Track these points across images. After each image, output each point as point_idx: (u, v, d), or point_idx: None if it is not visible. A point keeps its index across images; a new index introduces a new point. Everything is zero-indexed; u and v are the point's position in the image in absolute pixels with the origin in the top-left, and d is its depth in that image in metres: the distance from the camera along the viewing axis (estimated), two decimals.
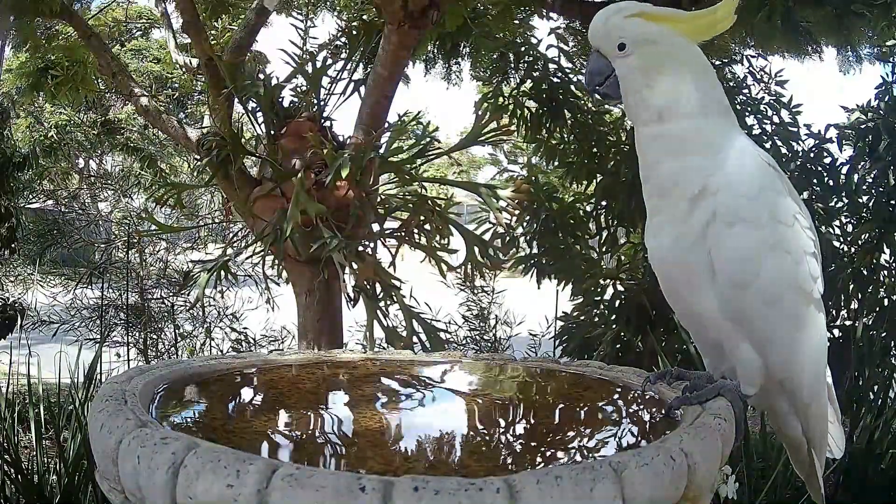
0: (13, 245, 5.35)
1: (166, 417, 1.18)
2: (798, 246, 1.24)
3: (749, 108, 3.94)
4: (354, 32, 3.67)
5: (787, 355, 1.26)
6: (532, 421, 1.33)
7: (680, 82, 1.24)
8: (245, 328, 5.34)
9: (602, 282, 3.95)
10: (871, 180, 3.64)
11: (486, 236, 3.43)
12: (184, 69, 4.36)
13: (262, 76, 3.27)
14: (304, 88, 3.50)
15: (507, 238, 3.72)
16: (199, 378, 1.42)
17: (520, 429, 1.32)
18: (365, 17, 4.12)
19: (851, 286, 3.51)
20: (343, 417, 1.29)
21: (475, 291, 5.63)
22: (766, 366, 1.26)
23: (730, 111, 1.30)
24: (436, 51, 5.20)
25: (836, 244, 3.59)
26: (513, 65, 4.38)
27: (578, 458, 1.12)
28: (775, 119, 3.91)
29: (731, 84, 4.08)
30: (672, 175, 1.24)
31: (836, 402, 1.44)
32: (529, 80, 4.21)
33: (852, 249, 3.62)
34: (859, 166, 3.66)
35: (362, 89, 3.40)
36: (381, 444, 1.14)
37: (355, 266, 2.91)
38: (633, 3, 1.27)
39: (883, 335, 3.42)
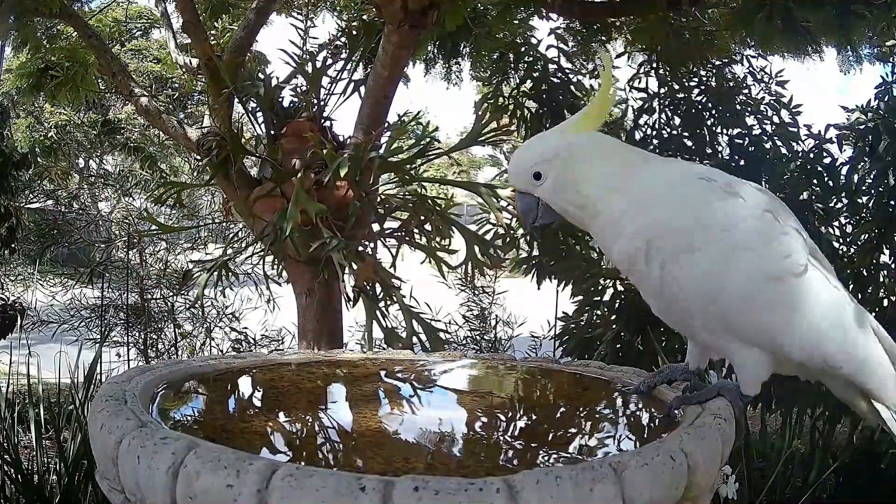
0: (13, 245, 5.35)
1: (166, 417, 1.18)
2: (752, 239, 1.25)
3: (749, 108, 3.93)
4: (354, 32, 3.67)
5: (789, 339, 1.26)
6: (532, 421, 1.33)
7: (600, 175, 1.30)
8: (245, 328, 5.34)
9: (602, 282, 3.94)
10: (871, 180, 3.63)
11: (487, 237, 3.43)
12: (184, 69, 4.36)
13: (262, 76, 3.27)
14: (304, 88, 3.50)
15: (508, 238, 3.72)
16: (199, 378, 1.42)
17: (520, 429, 1.32)
18: (365, 17, 4.12)
19: (851, 286, 3.50)
20: (343, 417, 1.29)
21: (476, 292, 5.63)
22: (784, 354, 1.27)
23: (645, 157, 1.36)
24: (436, 51, 5.19)
25: (836, 244, 3.59)
26: (513, 65, 4.38)
27: (578, 458, 1.12)
28: (775, 119, 3.91)
29: (731, 84, 4.08)
30: (621, 254, 1.31)
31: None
32: (529, 80, 4.21)
33: (852, 249, 3.62)
34: (859, 166, 3.66)
35: (362, 89, 3.40)
36: (381, 444, 1.14)
37: (355, 266, 2.90)
38: (531, 139, 1.38)
39: None
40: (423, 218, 3.12)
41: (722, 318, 1.25)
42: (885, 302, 3.51)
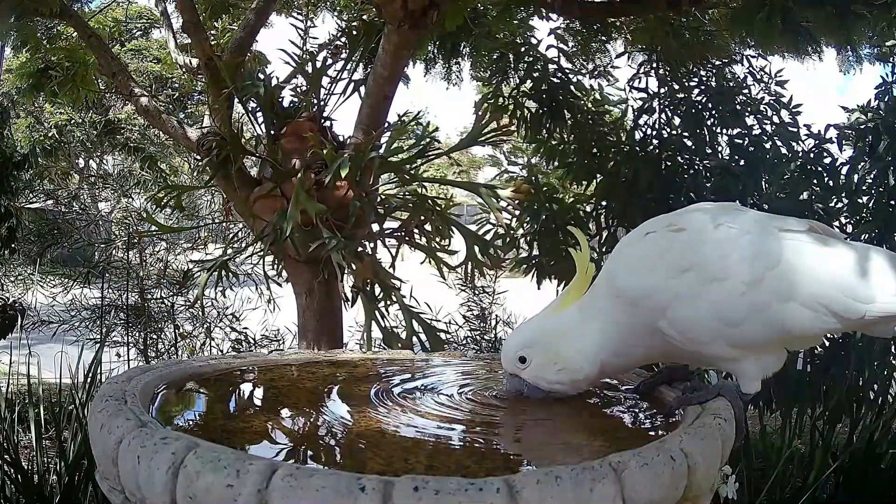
0: (13, 245, 5.35)
1: (166, 417, 1.18)
2: (716, 264, 1.25)
3: (749, 108, 3.93)
4: (354, 32, 3.67)
5: (799, 323, 1.25)
6: (532, 421, 1.33)
7: (572, 347, 1.33)
8: (245, 328, 5.34)
9: None
10: (871, 180, 3.64)
11: (487, 237, 3.43)
12: (184, 69, 4.35)
13: (262, 76, 3.27)
14: (304, 88, 3.50)
15: (508, 238, 3.72)
16: (199, 378, 1.42)
17: (520, 429, 1.32)
18: (365, 17, 4.11)
19: None
20: (343, 417, 1.29)
21: (476, 292, 5.63)
22: (803, 336, 1.29)
23: (598, 282, 1.39)
24: (436, 51, 5.19)
25: None
26: (513, 65, 4.38)
27: (578, 458, 1.12)
28: (775, 119, 3.91)
29: (731, 84, 4.08)
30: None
31: None
32: (529, 80, 4.21)
33: None
34: (859, 166, 3.66)
35: (362, 89, 3.40)
36: (381, 444, 1.14)
37: (354, 266, 2.90)
38: (521, 324, 1.45)
39: None
40: (423, 218, 3.12)
41: (722, 345, 1.27)
42: None
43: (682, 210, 1.40)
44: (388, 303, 3.04)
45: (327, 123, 3.41)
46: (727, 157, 3.92)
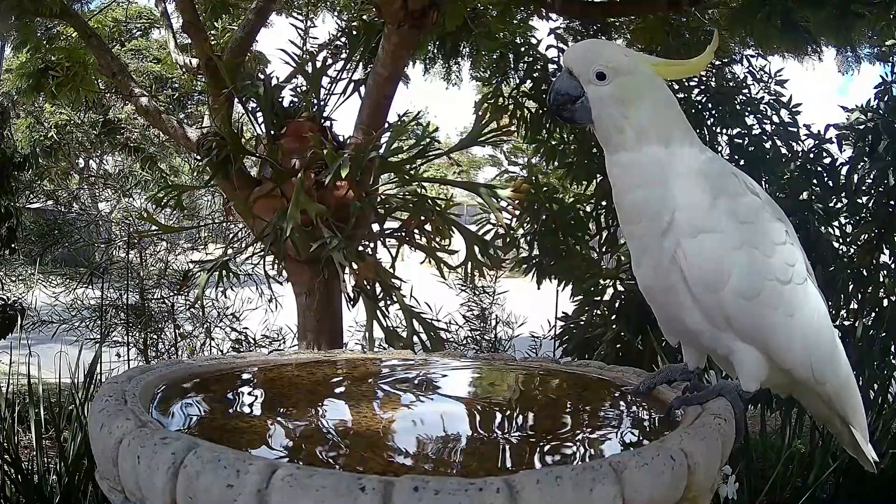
0: (13, 245, 5.35)
1: (166, 417, 1.18)
2: (766, 239, 1.29)
3: (749, 108, 3.93)
4: (354, 32, 3.67)
5: (785, 343, 1.29)
6: (532, 421, 1.33)
7: (651, 112, 1.30)
8: (245, 328, 5.34)
9: (602, 282, 3.94)
10: (871, 180, 3.64)
11: (487, 237, 3.43)
12: (184, 69, 4.36)
13: (262, 76, 3.27)
14: (304, 88, 3.50)
15: (508, 238, 3.72)
16: (199, 378, 1.42)
17: (520, 429, 1.32)
18: (365, 17, 4.11)
19: (851, 286, 3.50)
20: (343, 417, 1.29)
21: (476, 292, 5.63)
22: (769, 358, 1.29)
23: (690, 130, 1.36)
24: (436, 51, 5.19)
25: (836, 244, 3.59)
26: (513, 65, 4.38)
27: (578, 458, 1.12)
28: (775, 119, 3.91)
29: (731, 84, 4.07)
30: (639, 205, 1.30)
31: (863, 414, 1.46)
32: (529, 80, 4.21)
33: (852, 249, 3.62)
34: (859, 166, 3.66)
35: (362, 89, 3.40)
36: (381, 444, 1.14)
37: (355, 266, 2.90)
38: (604, 41, 1.35)
39: (883, 335, 3.41)
40: (423, 218, 3.12)
41: (722, 309, 1.26)
42: (885, 302, 3.51)
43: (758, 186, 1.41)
44: (389, 302, 3.05)
45: (327, 123, 3.41)
46: (727, 157, 3.92)
